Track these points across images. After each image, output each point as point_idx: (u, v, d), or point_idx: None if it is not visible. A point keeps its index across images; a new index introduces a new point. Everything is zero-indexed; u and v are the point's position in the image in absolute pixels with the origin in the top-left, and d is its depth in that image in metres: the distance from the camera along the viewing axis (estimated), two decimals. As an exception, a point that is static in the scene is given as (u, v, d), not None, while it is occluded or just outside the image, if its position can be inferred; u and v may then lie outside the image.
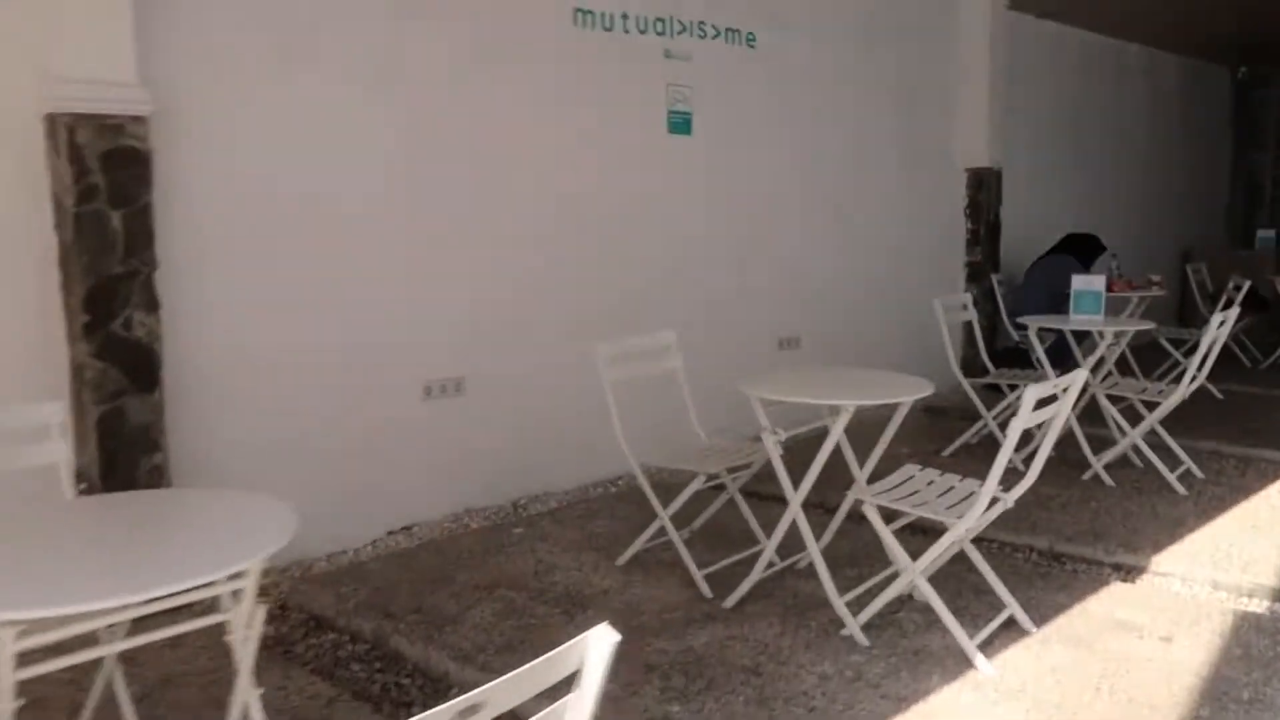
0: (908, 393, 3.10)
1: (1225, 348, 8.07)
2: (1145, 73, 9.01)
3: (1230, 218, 10.67)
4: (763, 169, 5.56)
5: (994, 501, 2.93)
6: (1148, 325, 4.75)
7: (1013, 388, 5.05)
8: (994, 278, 6.97)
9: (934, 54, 6.70)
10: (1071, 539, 3.86)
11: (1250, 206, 10.64)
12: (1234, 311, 4.41)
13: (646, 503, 3.43)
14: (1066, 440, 4.79)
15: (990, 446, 4.19)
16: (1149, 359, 6.86)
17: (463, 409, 4.27)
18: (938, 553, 2.91)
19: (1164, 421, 4.63)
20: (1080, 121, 8.10)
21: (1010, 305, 6.88)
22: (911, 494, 3.09)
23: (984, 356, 5.31)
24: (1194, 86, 9.83)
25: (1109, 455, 4.66)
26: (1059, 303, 6.70)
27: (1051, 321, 4.93)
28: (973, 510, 2.75)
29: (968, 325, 5.57)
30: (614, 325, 4.13)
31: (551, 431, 4.56)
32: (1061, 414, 2.88)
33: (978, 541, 3.38)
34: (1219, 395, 6.60)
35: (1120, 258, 7.92)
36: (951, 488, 3.11)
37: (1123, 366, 6.68)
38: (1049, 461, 3.06)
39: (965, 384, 4.97)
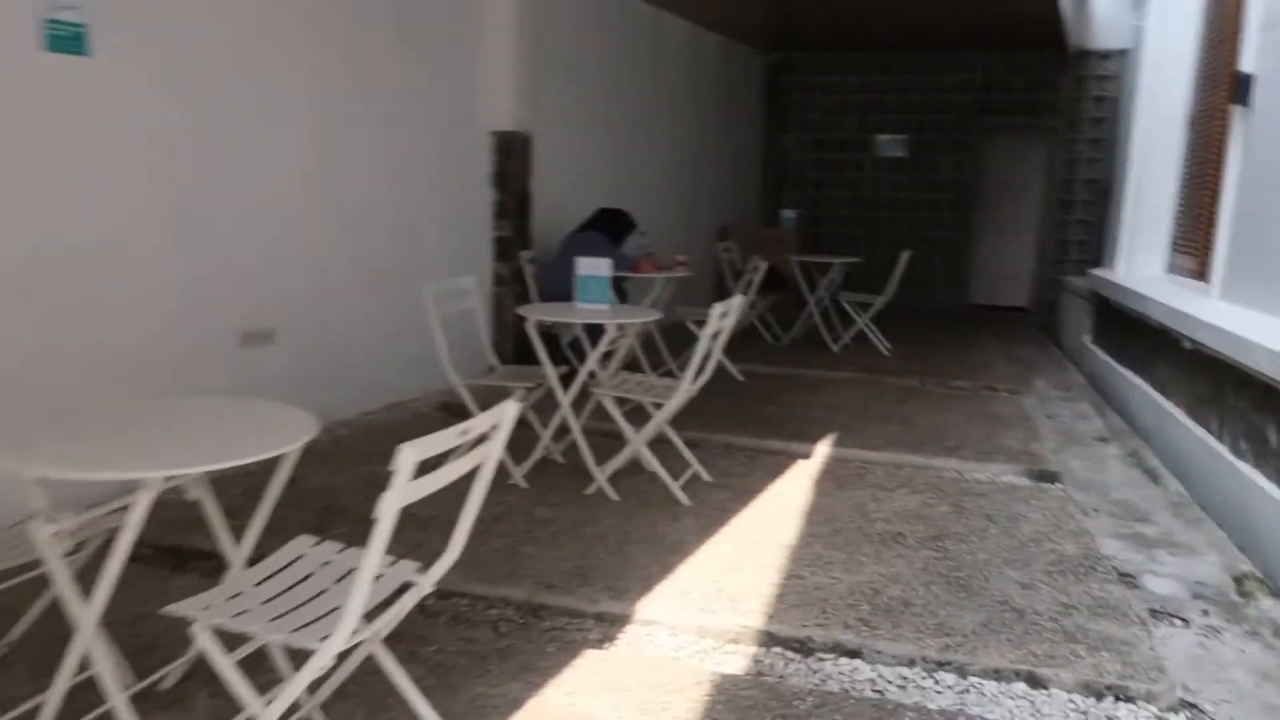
0: (274, 441, 2.08)
1: (750, 326, 8.34)
2: (685, 48, 8.95)
3: (762, 197, 11.24)
4: (220, 113, 4.25)
5: (406, 586, 2.08)
6: (653, 316, 4.25)
7: (538, 387, 4.33)
8: (524, 255, 6.30)
9: (448, -6, 5.80)
10: (555, 585, 3.16)
11: (778, 187, 11.28)
12: (736, 301, 4.01)
13: None
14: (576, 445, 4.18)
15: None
16: (682, 339, 6.64)
17: None
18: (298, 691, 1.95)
19: (680, 415, 4.18)
20: (619, 91, 7.73)
21: (542, 285, 6.27)
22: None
23: (488, 350, 4.52)
24: (731, 67, 10.07)
25: (613, 465, 4.11)
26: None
27: (554, 313, 4.25)
28: (331, 640, 1.82)
29: (498, 312, 4.77)
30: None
31: None
32: (491, 457, 2.08)
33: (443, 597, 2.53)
34: (740, 377, 6.55)
35: (654, 236, 7.68)
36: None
37: (652, 352, 6.42)
38: (554, 470, 2.27)
39: (461, 387, 4.13)
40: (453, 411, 5.09)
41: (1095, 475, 4.69)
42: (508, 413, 2.05)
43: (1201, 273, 5.79)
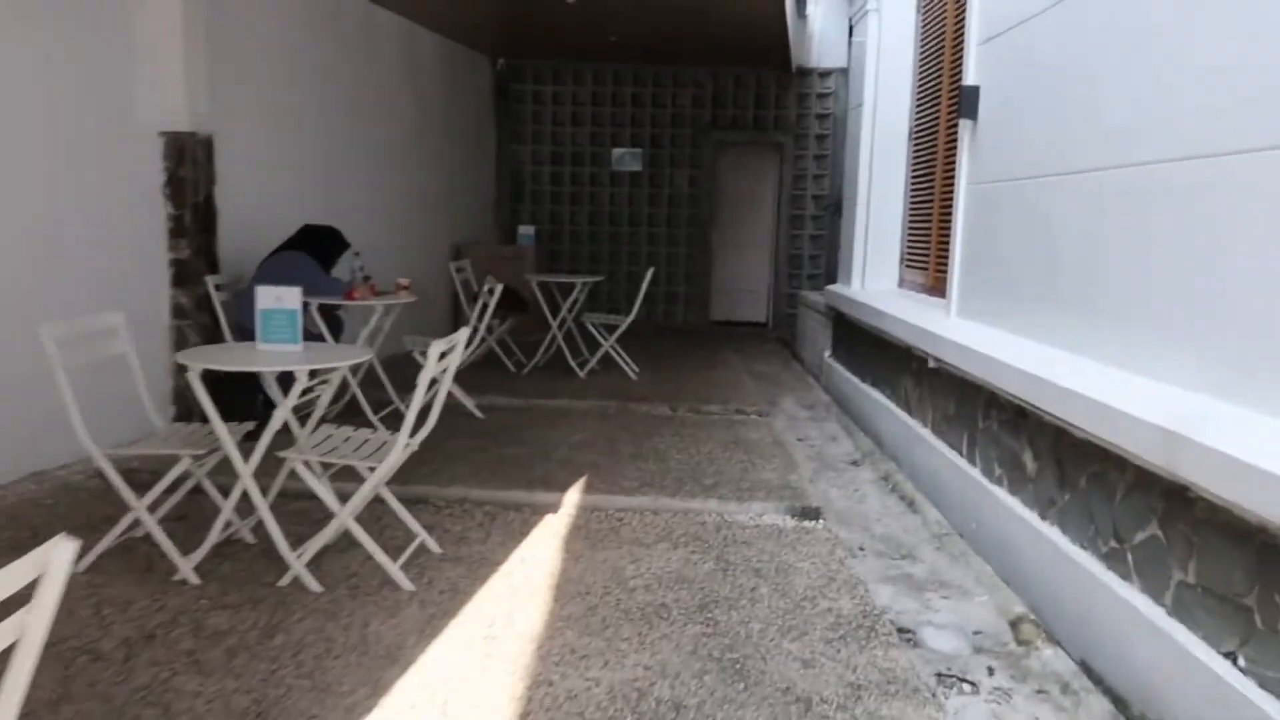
0: None
1: (489, 353, 7.66)
2: (404, 47, 8.12)
3: (498, 214, 10.59)
4: None
5: None
6: (360, 356, 3.47)
7: (211, 453, 3.37)
8: (211, 281, 5.24)
9: (91, -39, 4.67)
10: (220, 737, 2.33)
11: (515, 201, 10.69)
12: (461, 336, 3.33)
13: None
14: (280, 520, 3.33)
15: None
16: (412, 372, 5.82)
17: None
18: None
19: (406, 465, 3.43)
20: (328, 90, 6.79)
21: (236, 317, 5.24)
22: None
23: (149, 403, 3.53)
24: (457, 71, 9.34)
25: (313, 546, 3.28)
26: (293, 313, 5.26)
27: (227, 358, 3.35)
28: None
29: (180, 349, 3.73)
30: None
31: None
32: (33, 628, 1.27)
33: None
34: (477, 413, 5.85)
35: (377, 256, 6.82)
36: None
37: (376, 388, 5.57)
38: (241, 554, 1.52)
39: (100, 459, 3.14)
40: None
41: (855, 506, 4.46)
42: (56, 559, 1.26)
43: (932, 287, 5.83)
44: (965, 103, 4.66)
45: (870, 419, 5.87)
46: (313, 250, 5.40)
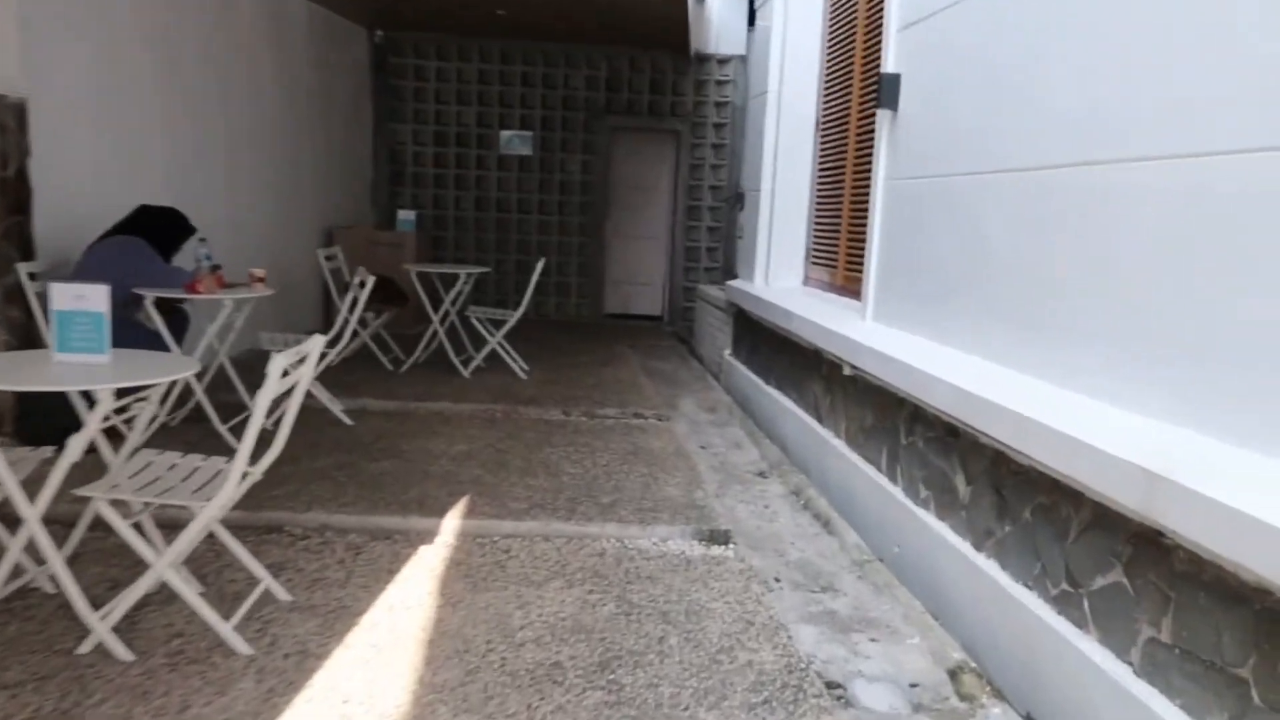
0: None
1: (362, 349, 7.01)
2: (269, 12, 7.32)
3: (375, 197, 9.84)
4: None
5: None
6: (185, 371, 2.84)
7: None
8: (23, 269, 4.46)
9: None
10: None
11: (394, 184, 9.96)
12: (314, 344, 2.76)
13: None
14: (92, 561, 2.72)
15: None
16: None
17: None
18: None
19: (259, 486, 2.85)
20: (172, 51, 5.98)
21: (56, 310, 4.46)
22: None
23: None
24: (329, 42, 8.56)
25: (122, 605, 2.67)
26: (125, 309, 4.55)
27: (13, 375, 2.69)
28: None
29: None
30: None
31: None
32: None
33: None
34: (346, 420, 5.23)
35: (231, 241, 6.11)
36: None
37: (226, 389, 4.87)
38: (36, 609, 1.25)
39: None
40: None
41: (766, 526, 4.08)
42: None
43: (841, 286, 5.52)
44: (885, 92, 4.32)
45: (775, 423, 5.53)
46: (150, 235, 4.68)
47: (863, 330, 4.36)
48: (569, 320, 10.25)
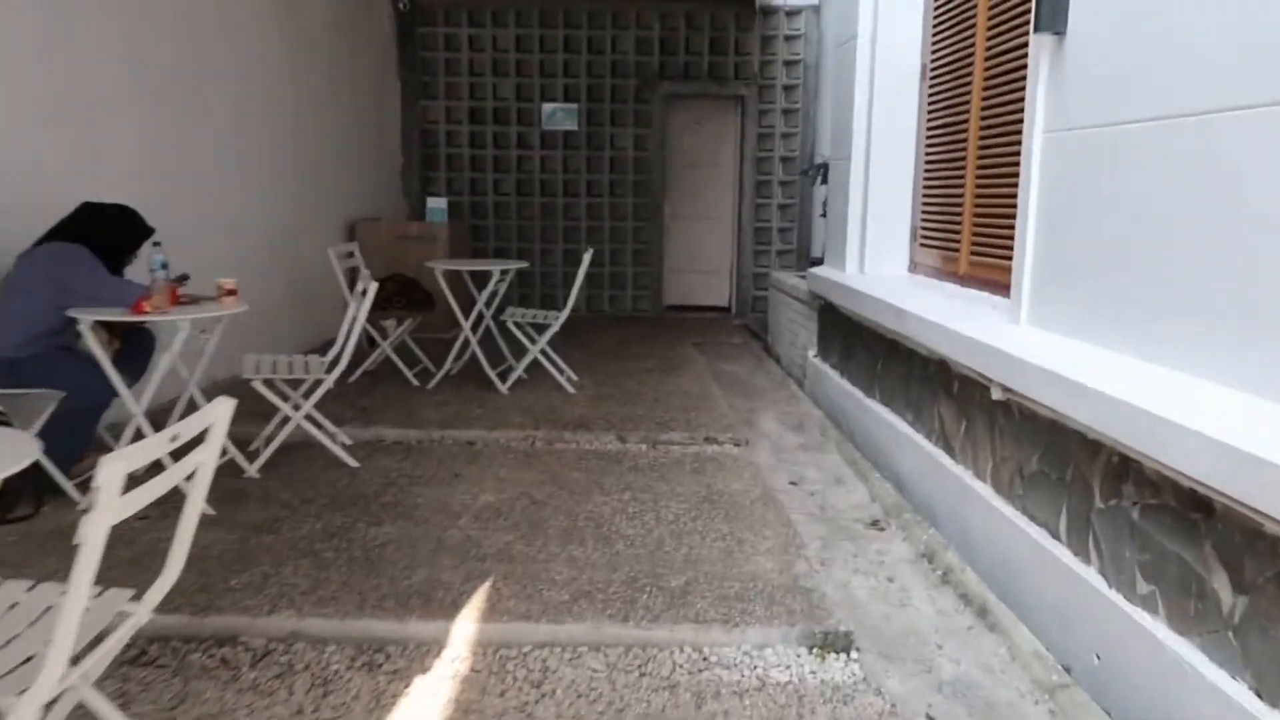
0: None
1: (385, 363, 6.04)
2: (268, -27, 6.35)
3: (407, 183, 8.87)
4: None
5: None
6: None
7: None
8: (-65, 289, 3.55)
9: None
10: None
11: (426, 169, 8.97)
12: (221, 410, 1.74)
13: None
14: None
15: None
16: (254, 406, 4.16)
17: None
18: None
19: (214, 570, 1.86)
20: (154, 23, 5.02)
21: (-17, 337, 3.55)
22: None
23: None
24: (349, 11, 7.57)
25: None
26: (63, 335, 3.62)
27: None
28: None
29: None
30: None
31: None
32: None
33: None
34: (350, 461, 4.24)
35: (229, 240, 5.18)
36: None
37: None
38: None
39: None
40: None
41: (896, 614, 2.97)
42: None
43: (964, 275, 4.35)
44: (1044, 10, 3.14)
45: (884, 451, 4.39)
46: (95, 240, 3.72)
47: (1017, 339, 3.20)
48: (625, 316, 9.18)
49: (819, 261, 8.93)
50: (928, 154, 4.93)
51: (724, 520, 3.61)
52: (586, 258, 5.69)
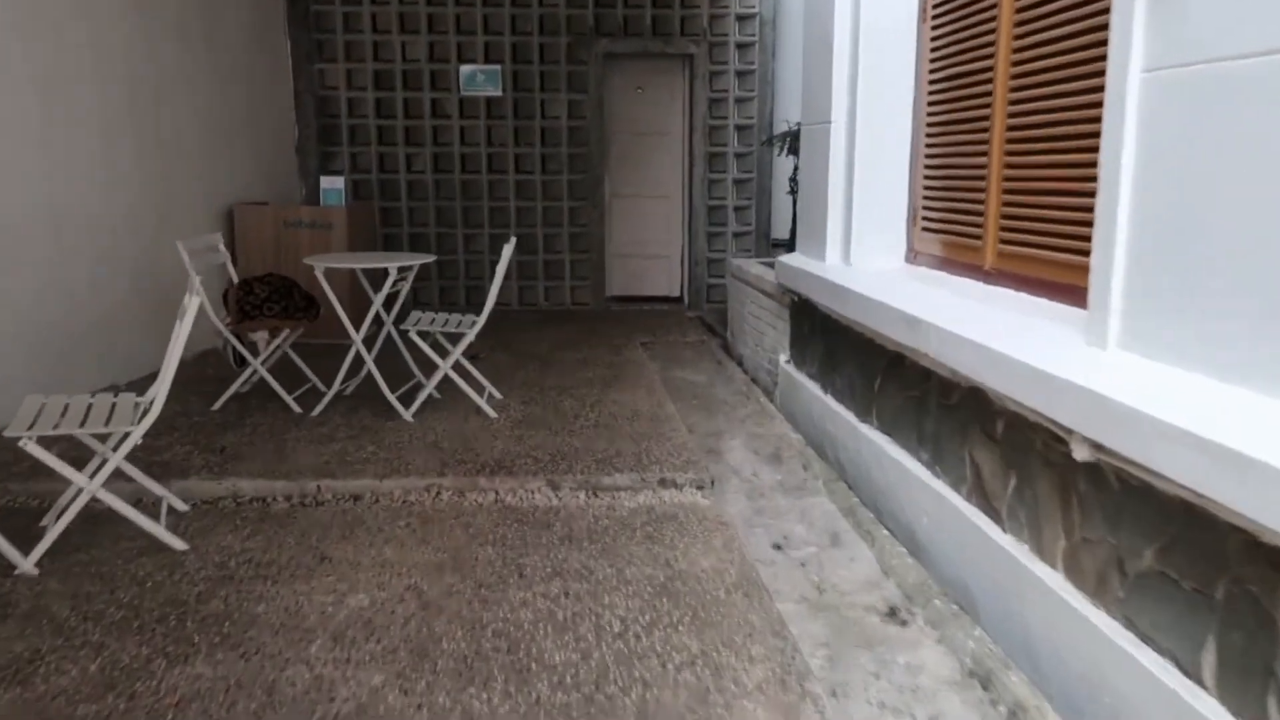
0: None
1: (259, 386, 4.87)
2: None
3: (305, 160, 7.63)
4: None
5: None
6: None
7: None
8: None
9: None
10: None
11: (325, 143, 7.73)
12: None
13: None
14: None
15: None
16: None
17: None
18: None
19: None
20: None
21: None
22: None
23: None
24: (218, -47, 6.30)
25: None
26: None
27: None
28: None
29: None
30: None
31: None
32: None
33: None
34: (177, 545, 3.10)
35: (48, 243, 3.99)
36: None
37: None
38: None
39: None
40: None
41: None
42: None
43: (993, 271, 3.36)
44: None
45: (888, 493, 3.39)
46: None
47: (1108, 371, 2.21)
48: (561, 310, 8.08)
49: (783, 245, 7.93)
50: (931, 113, 3.91)
51: (691, 629, 2.57)
52: (507, 250, 4.58)
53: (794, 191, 6.51)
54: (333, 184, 6.35)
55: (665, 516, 3.41)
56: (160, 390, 2.93)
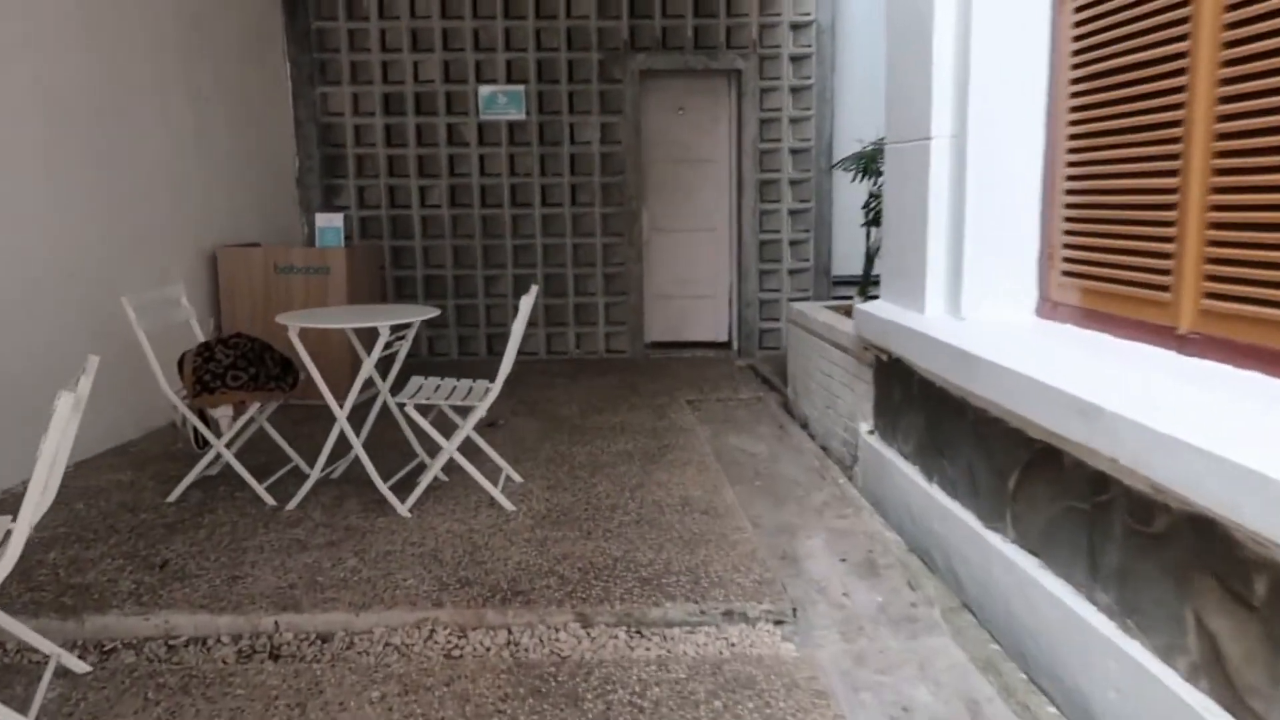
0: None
1: (225, 473, 3.96)
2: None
3: (306, 195, 6.84)
4: None
5: None
6: None
7: None
8: None
9: None
10: None
11: (329, 174, 6.95)
12: None
13: None
14: None
15: None
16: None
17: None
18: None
19: None
20: None
21: None
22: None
23: None
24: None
25: None
26: None
27: None
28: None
29: None
30: None
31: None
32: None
33: None
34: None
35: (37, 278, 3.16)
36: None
37: None
38: None
39: None
40: None
41: None
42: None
43: (1188, 336, 2.42)
44: None
45: (1047, 646, 2.42)
46: None
47: None
48: (595, 359, 7.19)
49: (846, 283, 6.99)
50: (1074, 120, 2.99)
51: None
52: (526, 303, 3.71)
53: (871, 223, 5.58)
54: (329, 222, 5.53)
55: (737, 681, 2.47)
56: (21, 526, 2.07)
